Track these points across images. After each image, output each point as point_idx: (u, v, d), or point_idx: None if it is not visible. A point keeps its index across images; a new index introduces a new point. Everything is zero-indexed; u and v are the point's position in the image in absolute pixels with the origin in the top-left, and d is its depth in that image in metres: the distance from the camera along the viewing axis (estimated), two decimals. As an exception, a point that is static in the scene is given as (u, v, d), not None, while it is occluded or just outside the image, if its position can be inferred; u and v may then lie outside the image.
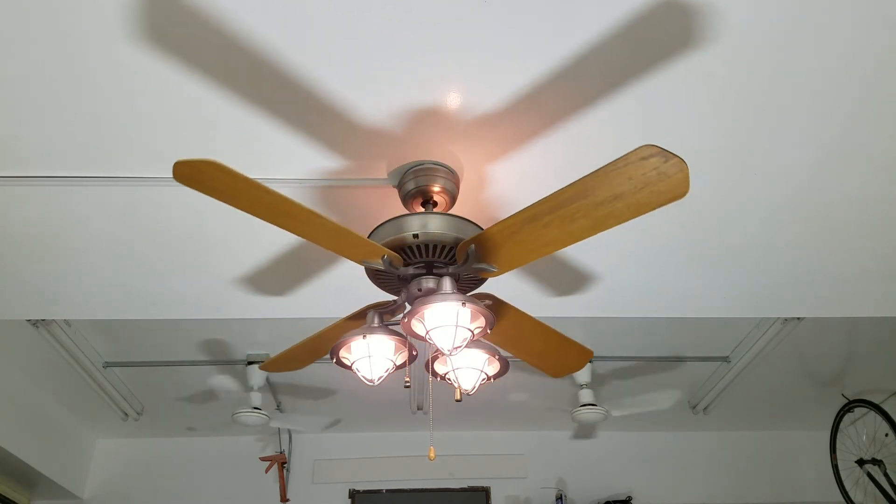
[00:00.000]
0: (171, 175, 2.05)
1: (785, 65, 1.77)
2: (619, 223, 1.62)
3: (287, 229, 1.72)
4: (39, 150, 1.97)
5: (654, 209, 1.55)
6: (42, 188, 2.12)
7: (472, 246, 1.77)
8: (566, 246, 1.71)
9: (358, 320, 2.04)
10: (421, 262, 1.89)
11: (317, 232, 1.72)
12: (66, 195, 2.16)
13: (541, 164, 2.06)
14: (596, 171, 1.50)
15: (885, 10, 1.63)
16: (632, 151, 1.43)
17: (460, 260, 1.83)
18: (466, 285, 1.94)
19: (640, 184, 1.49)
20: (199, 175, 1.52)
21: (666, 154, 1.42)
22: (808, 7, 1.62)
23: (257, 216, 1.66)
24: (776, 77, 1.80)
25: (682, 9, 1.61)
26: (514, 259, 1.79)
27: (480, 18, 1.61)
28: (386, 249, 1.80)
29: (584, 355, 2.23)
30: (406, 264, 1.89)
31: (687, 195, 1.52)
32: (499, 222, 1.70)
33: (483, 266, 1.83)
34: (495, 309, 1.96)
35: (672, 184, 1.49)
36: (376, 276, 1.94)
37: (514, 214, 1.66)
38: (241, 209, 1.64)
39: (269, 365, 2.33)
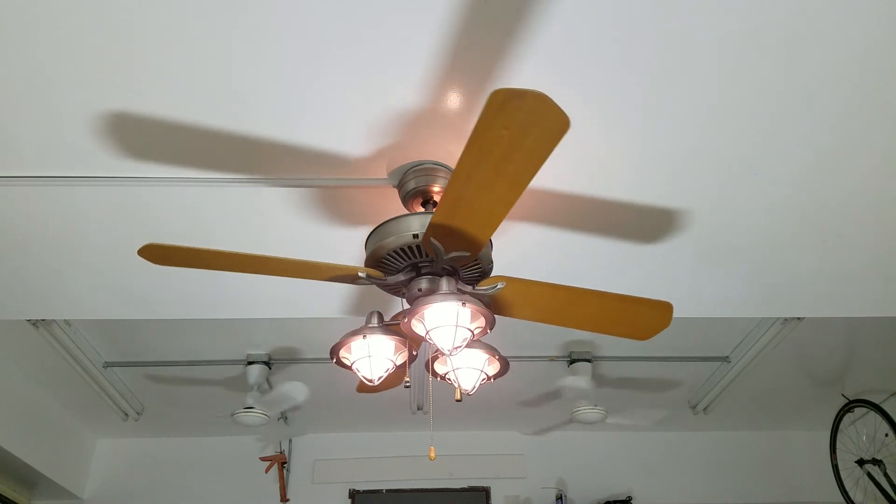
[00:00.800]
0: (171, 175, 2.07)
1: (785, 64, 1.77)
2: (533, 172, 1.52)
3: (254, 273, 1.84)
4: (39, 150, 1.98)
5: (552, 148, 1.44)
6: (42, 188, 2.12)
7: (432, 238, 1.73)
8: (519, 193, 1.59)
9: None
10: (421, 262, 1.88)
11: (288, 270, 1.83)
12: (66, 195, 2.16)
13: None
14: (472, 133, 1.42)
15: (885, 9, 1.63)
16: (486, 104, 1.34)
17: (484, 285, 1.86)
18: (472, 278, 1.92)
19: (518, 129, 1.39)
20: (161, 257, 1.73)
21: (520, 93, 1.32)
22: (809, 7, 1.62)
23: (229, 271, 1.81)
24: (776, 77, 1.80)
25: (682, 8, 1.61)
26: (478, 230, 1.71)
27: (480, 17, 1.61)
28: (360, 268, 1.84)
29: (663, 310, 2.04)
30: (405, 265, 1.89)
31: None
32: (437, 208, 1.65)
33: (456, 253, 1.78)
34: (512, 289, 1.92)
35: (546, 118, 1.37)
36: (387, 255, 1.92)
37: (444, 193, 1.62)
38: (214, 269, 1.79)
39: (152, 251, 1.85)
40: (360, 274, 1.83)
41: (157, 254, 1.71)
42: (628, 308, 2.04)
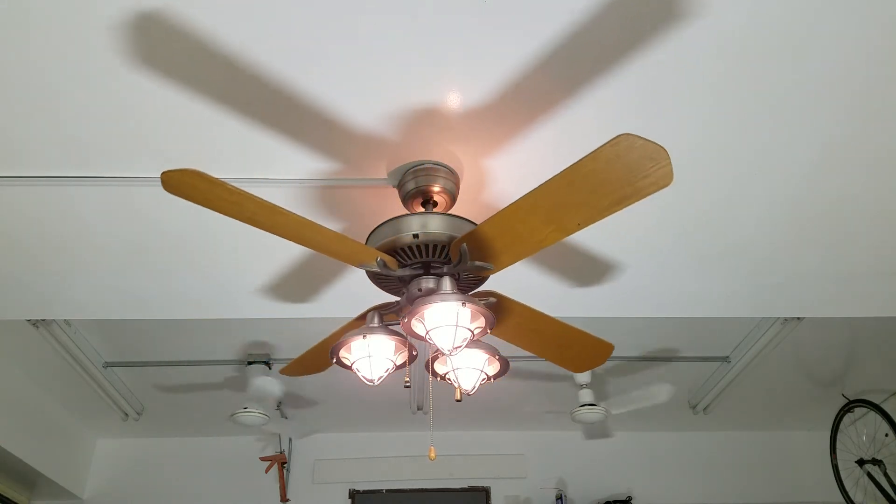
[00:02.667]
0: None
1: (786, 64, 1.77)
2: (607, 215, 1.59)
3: (279, 235, 1.71)
4: (39, 150, 1.98)
5: (640, 199, 1.51)
6: (42, 188, 2.12)
7: (464, 244, 1.76)
8: (557, 240, 1.69)
9: (360, 321, 2.04)
10: (420, 263, 1.88)
11: (309, 237, 1.72)
12: (66, 195, 2.16)
13: (541, 163, 2.06)
14: (576, 163, 1.47)
15: (886, 9, 1.63)
16: (609, 142, 1.40)
17: (455, 258, 1.83)
18: (467, 284, 1.94)
19: (623, 174, 1.46)
20: (183, 185, 1.53)
21: (646, 143, 1.39)
22: (810, 6, 1.62)
23: (246, 223, 1.65)
24: (777, 76, 1.80)
25: (683, 7, 1.61)
26: (508, 255, 1.78)
27: (479, 17, 1.61)
28: (379, 252, 1.80)
29: (604, 349, 2.17)
30: (405, 265, 1.89)
31: (678, 188, 1.49)
32: (488, 219, 1.69)
33: (479, 264, 1.82)
34: (500, 306, 1.96)
35: (656, 172, 1.45)
36: (376, 278, 1.95)
37: (503, 210, 1.65)
38: (230, 216, 1.62)
39: (290, 369, 2.33)
40: (377, 259, 1.79)
41: (184, 182, 1.53)
42: (577, 341, 2.14)
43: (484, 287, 1.99)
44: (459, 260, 1.80)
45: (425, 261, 1.87)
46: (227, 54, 1.69)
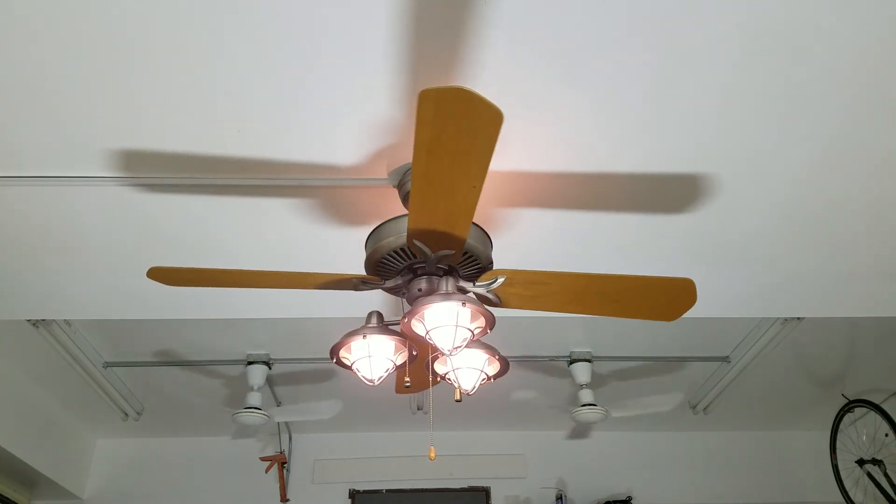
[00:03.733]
0: (171, 175, 2.07)
1: (787, 65, 1.76)
2: (485, 166, 1.53)
3: (266, 288, 1.96)
4: (39, 150, 1.98)
5: (493, 140, 1.45)
6: (42, 188, 2.12)
7: (505, 278, 1.85)
8: (473, 200, 1.63)
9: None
10: (416, 264, 1.88)
11: (288, 282, 1.92)
12: (66, 195, 2.16)
13: (541, 163, 2.06)
14: (415, 136, 1.43)
15: (887, 10, 1.63)
16: (418, 106, 1.34)
17: (484, 280, 1.88)
18: (470, 274, 1.92)
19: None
20: (163, 278, 1.85)
21: (445, 91, 1.32)
22: (810, 7, 1.62)
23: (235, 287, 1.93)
24: (777, 77, 1.80)
25: (685, 6, 1.61)
26: (450, 236, 1.74)
27: (479, 16, 1.61)
28: (356, 275, 1.88)
29: (685, 286, 1.92)
30: (405, 265, 1.89)
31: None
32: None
33: (442, 253, 1.80)
34: (519, 281, 1.89)
35: (477, 113, 1.38)
36: (382, 260, 1.92)
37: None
38: (221, 287, 1.91)
39: (160, 273, 1.91)
40: (357, 282, 1.87)
41: (164, 275, 1.88)
42: (650, 288, 1.94)
43: (484, 289, 1.97)
44: (490, 284, 1.86)
45: (410, 263, 1.87)
46: (227, 54, 1.69)
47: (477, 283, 1.89)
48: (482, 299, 1.90)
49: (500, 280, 1.88)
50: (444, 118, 1.37)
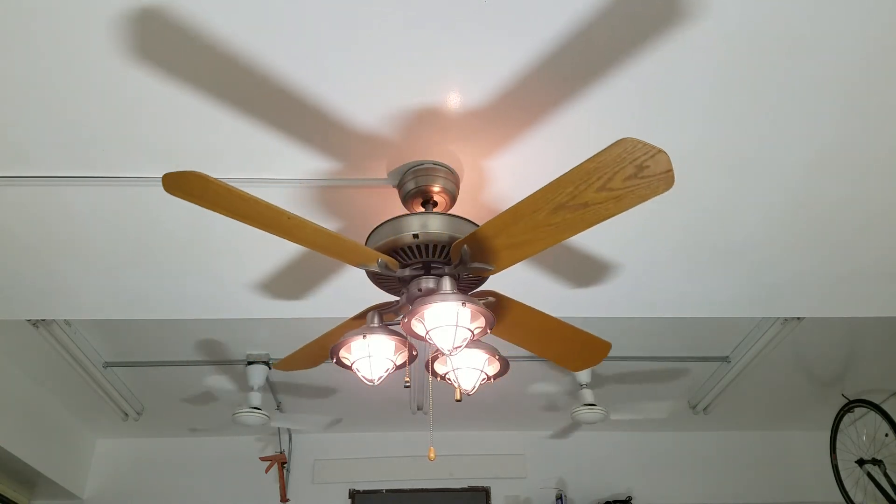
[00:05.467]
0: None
1: (785, 64, 1.77)
2: (606, 218, 1.59)
3: (279, 236, 1.72)
4: (39, 150, 1.98)
5: (641, 202, 1.52)
6: (42, 188, 2.12)
7: (465, 246, 1.76)
8: (558, 242, 1.69)
9: (359, 321, 2.04)
10: (420, 263, 1.88)
11: (310, 238, 1.73)
12: (66, 195, 2.16)
13: (541, 163, 2.06)
14: (578, 166, 1.48)
15: (886, 10, 1.63)
16: (611, 145, 1.40)
17: (455, 260, 1.83)
18: (467, 284, 1.94)
19: (624, 178, 1.47)
20: (186, 185, 1.55)
21: (647, 147, 1.39)
22: (809, 6, 1.62)
23: (247, 223, 1.66)
24: (776, 76, 1.80)
25: (682, 8, 1.61)
26: (508, 257, 1.78)
27: (479, 19, 1.61)
28: (380, 254, 1.80)
29: (601, 348, 2.18)
30: (405, 265, 1.89)
31: (678, 188, 1.49)
32: (489, 221, 1.69)
33: (479, 265, 1.82)
34: (500, 305, 1.96)
35: (657, 177, 1.46)
36: (376, 278, 1.95)
37: (504, 212, 1.66)
38: (231, 217, 1.63)
39: (283, 364, 2.34)
40: (378, 260, 1.80)
41: (184, 184, 1.55)
42: (576, 340, 2.14)
43: (484, 287, 1.99)
44: (460, 261, 1.80)
45: (425, 261, 1.87)
46: (228, 54, 1.69)
47: (454, 266, 1.88)
48: (479, 273, 1.92)
49: (491, 300, 1.94)
50: (624, 165, 1.43)
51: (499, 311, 1.98)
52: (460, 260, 1.80)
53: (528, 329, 2.09)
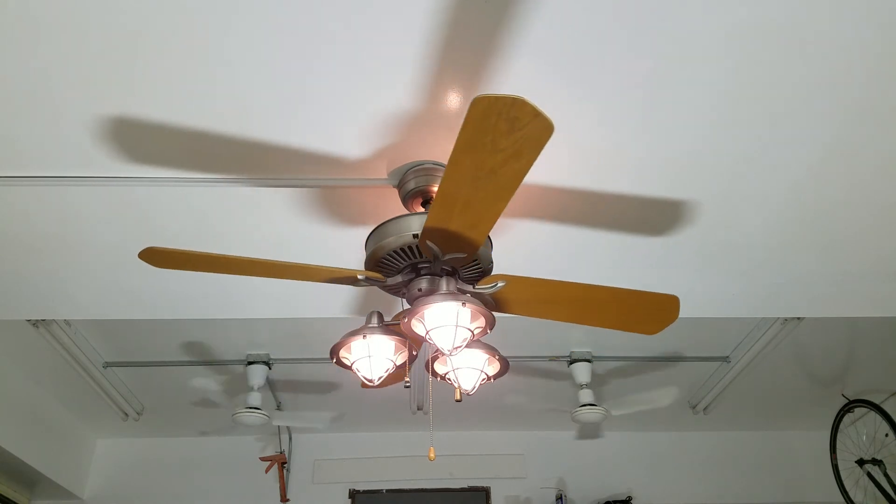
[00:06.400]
0: (171, 176, 2.07)
1: (786, 64, 1.77)
2: (523, 174, 1.52)
3: (262, 276, 1.90)
4: (39, 150, 1.98)
5: (540, 150, 1.44)
6: (42, 188, 2.12)
7: (428, 242, 1.75)
8: (500, 207, 1.64)
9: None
10: (420, 263, 1.88)
11: (287, 273, 1.86)
12: (66, 195, 2.16)
13: (541, 162, 2.06)
14: (457, 141, 1.43)
15: (886, 9, 1.63)
16: (469, 110, 1.34)
17: (485, 283, 1.88)
18: (471, 277, 1.92)
19: (505, 135, 1.41)
20: (162, 262, 1.80)
21: (503, 100, 1.32)
22: (809, 6, 1.62)
23: (229, 273, 1.86)
24: (777, 76, 1.80)
25: (683, 6, 1.61)
26: (467, 240, 1.75)
27: (481, 20, 1.61)
28: (357, 271, 1.86)
29: (670, 303, 2.01)
30: (405, 265, 1.89)
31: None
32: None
33: (452, 255, 1.80)
34: (514, 287, 1.92)
35: (532, 123, 1.38)
36: (386, 256, 1.92)
37: (433, 200, 1.63)
38: (213, 272, 1.82)
39: (154, 255, 1.82)
40: (359, 276, 1.84)
41: (157, 257, 1.76)
42: (636, 302, 2.00)
43: (483, 292, 1.97)
44: (435, 257, 1.80)
45: (413, 262, 1.87)
46: (228, 53, 1.69)
47: (477, 287, 1.89)
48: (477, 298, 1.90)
49: (501, 284, 1.89)
50: (494, 124, 1.37)
51: (515, 292, 1.95)
52: (434, 256, 1.80)
53: (559, 302, 2.01)
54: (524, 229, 2.34)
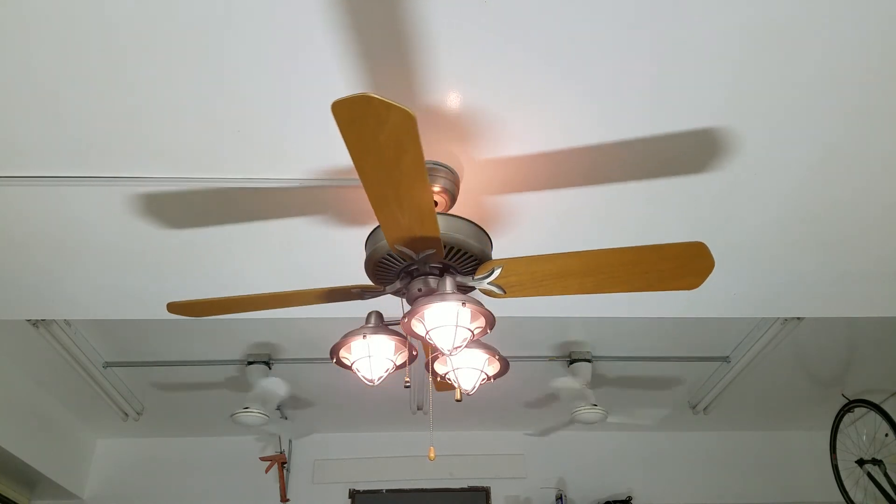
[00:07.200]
0: (171, 176, 2.07)
1: (788, 65, 1.76)
2: (420, 161, 1.53)
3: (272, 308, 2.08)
4: (39, 150, 1.97)
5: (415, 138, 1.44)
6: (42, 188, 2.12)
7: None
8: (427, 196, 1.62)
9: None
10: (412, 266, 1.88)
11: (289, 302, 2.03)
12: (66, 195, 2.16)
13: (540, 163, 2.06)
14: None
15: (886, 9, 1.63)
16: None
17: (480, 273, 1.86)
18: (467, 270, 1.91)
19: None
20: (186, 311, 2.07)
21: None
22: (809, 6, 1.62)
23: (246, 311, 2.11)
24: (778, 77, 1.80)
25: (685, 5, 1.61)
26: (423, 237, 1.75)
27: (482, 22, 1.61)
28: (352, 286, 1.92)
29: (699, 251, 1.74)
30: (404, 265, 1.89)
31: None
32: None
33: (493, 287, 1.86)
34: (512, 269, 1.86)
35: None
36: (378, 265, 1.92)
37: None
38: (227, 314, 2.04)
39: (179, 308, 2.12)
40: (352, 290, 1.90)
41: (182, 309, 2.08)
42: (658, 258, 1.78)
43: (484, 283, 1.96)
44: (486, 276, 1.86)
45: (406, 265, 1.87)
46: (227, 54, 1.69)
47: (475, 277, 1.88)
48: (486, 293, 1.90)
49: (497, 270, 1.86)
50: (365, 124, 1.38)
51: (518, 274, 1.87)
52: (486, 276, 1.85)
53: (575, 274, 1.85)
54: (533, 203, 2.31)
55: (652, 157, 2.05)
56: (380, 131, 1.39)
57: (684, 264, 1.78)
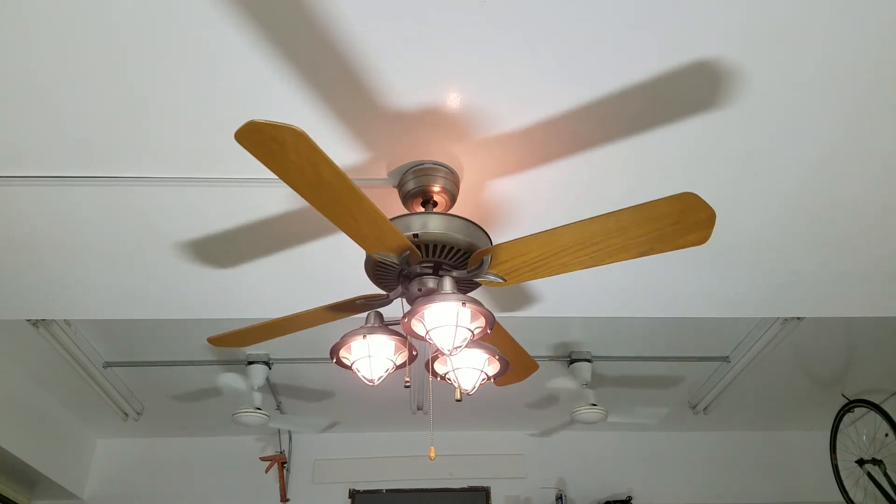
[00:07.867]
0: (171, 175, 2.07)
1: (789, 65, 1.76)
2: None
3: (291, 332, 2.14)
4: (39, 150, 1.97)
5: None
6: (42, 188, 2.12)
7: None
8: (370, 205, 1.63)
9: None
10: (424, 263, 1.88)
11: (308, 323, 2.10)
12: (66, 195, 2.16)
13: (539, 163, 2.06)
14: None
15: (886, 9, 1.63)
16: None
17: (472, 265, 1.84)
18: (458, 264, 1.91)
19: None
20: (229, 342, 2.19)
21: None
22: (810, 6, 1.62)
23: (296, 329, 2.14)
24: (779, 77, 1.80)
25: (684, 8, 1.61)
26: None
27: (482, 24, 1.61)
28: (359, 296, 1.93)
29: (691, 201, 1.56)
30: (396, 272, 1.89)
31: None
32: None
33: (492, 276, 1.83)
34: (504, 254, 1.82)
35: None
36: (374, 272, 1.93)
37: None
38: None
39: (219, 340, 2.23)
40: (357, 302, 1.92)
41: (224, 340, 2.18)
42: (651, 215, 1.62)
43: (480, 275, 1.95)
44: (478, 267, 1.84)
45: (436, 261, 1.87)
46: (227, 53, 1.69)
47: (469, 270, 1.87)
48: (486, 283, 1.90)
49: (487, 258, 1.82)
50: (269, 148, 1.39)
51: (511, 258, 1.82)
52: (478, 266, 1.83)
53: (572, 249, 1.75)
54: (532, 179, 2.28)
55: (651, 159, 2.06)
56: (287, 151, 1.41)
57: (679, 220, 1.62)
